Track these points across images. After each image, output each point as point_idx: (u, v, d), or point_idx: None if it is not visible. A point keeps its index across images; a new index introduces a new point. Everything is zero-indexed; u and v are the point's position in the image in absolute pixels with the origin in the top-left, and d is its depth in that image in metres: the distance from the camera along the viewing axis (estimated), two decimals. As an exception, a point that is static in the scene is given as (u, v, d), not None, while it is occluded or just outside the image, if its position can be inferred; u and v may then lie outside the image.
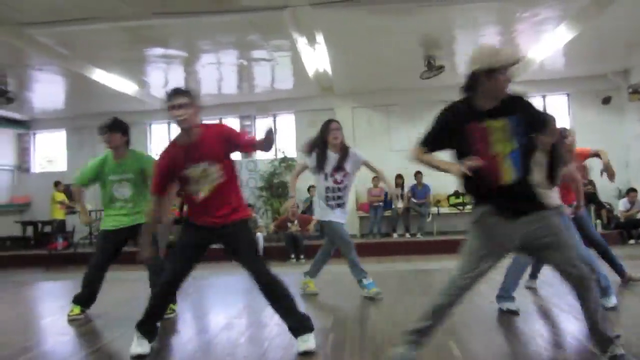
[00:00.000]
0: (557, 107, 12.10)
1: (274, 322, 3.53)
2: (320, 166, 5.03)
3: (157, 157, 3.69)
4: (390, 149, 12.11)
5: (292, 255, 9.62)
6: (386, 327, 3.99)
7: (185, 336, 4.17)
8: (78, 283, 4.76)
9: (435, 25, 7.96)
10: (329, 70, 10.12)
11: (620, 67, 11.04)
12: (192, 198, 3.48)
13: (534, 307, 4.57)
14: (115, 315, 4.85)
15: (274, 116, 13.31)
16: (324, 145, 5.05)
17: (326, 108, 12.25)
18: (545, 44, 8.98)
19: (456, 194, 11.71)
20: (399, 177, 11.38)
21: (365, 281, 5.13)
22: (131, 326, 3.48)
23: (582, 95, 12.03)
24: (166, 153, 3.49)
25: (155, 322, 3.57)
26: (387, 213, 11.55)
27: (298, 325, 3.45)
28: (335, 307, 4.74)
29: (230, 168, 3.49)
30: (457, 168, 2.67)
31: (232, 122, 13.29)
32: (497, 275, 6.08)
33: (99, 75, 9.71)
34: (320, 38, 8.02)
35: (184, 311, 4.91)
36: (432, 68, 9.38)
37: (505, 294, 4.38)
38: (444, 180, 11.66)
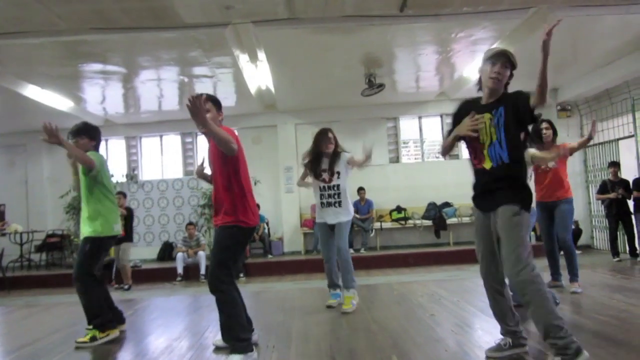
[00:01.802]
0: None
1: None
2: (313, 169, 5.55)
3: None
4: (334, 165, 12.15)
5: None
6: (330, 342, 3.98)
7: (123, 361, 4.02)
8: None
9: (375, 43, 8.13)
10: (272, 87, 10.14)
11: (550, 85, 11.55)
12: None
13: (473, 319, 4.68)
14: (47, 342, 4.57)
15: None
16: (318, 151, 5.50)
17: (269, 125, 12.25)
18: (480, 63, 9.31)
19: (398, 209, 11.91)
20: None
21: (332, 290, 5.50)
22: (62, 355, 3.31)
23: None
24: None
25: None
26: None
27: (228, 343, 3.56)
28: (278, 325, 4.69)
29: (225, 175, 3.65)
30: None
31: (174, 140, 13.08)
32: (439, 289, 6.24)
33: (32, 91, 9.30)
34: (262, 55, 8.03)
35: (121, 334, 4.72)
36: (373, 86, 9.56)
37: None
38: (386, 196, 11.95)
